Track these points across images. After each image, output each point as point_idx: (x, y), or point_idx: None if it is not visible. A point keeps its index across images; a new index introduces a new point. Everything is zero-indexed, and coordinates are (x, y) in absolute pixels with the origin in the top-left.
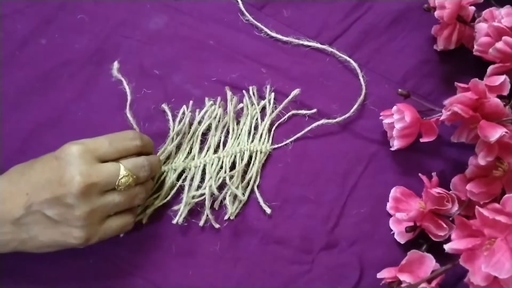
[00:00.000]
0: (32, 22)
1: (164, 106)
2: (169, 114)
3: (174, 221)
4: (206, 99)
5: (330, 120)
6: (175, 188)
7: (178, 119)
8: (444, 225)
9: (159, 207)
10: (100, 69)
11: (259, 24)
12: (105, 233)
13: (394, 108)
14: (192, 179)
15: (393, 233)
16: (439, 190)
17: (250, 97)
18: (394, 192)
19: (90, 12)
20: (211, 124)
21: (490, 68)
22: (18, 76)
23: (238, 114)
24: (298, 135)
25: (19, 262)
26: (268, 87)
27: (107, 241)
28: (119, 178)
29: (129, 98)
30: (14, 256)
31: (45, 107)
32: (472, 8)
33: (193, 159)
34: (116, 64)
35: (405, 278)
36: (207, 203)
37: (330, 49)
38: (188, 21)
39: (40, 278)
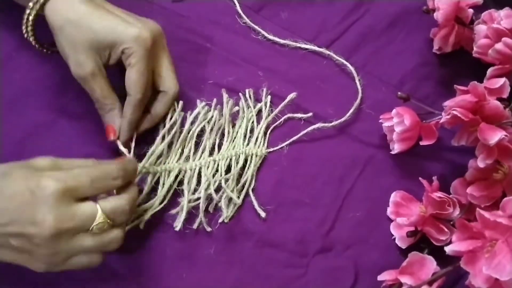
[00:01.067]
0: None
1: None
2: None
3: (177, 228)
4: (198, 101)
5: (326, 124)
6: (171, 192)
7: (168, 118)
8: (445, 229)
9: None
10: None
11: (256, 27)
12: (68, 268)
13: (394, 111)
14: (188, 182)
15: (390, 237)
16: (440, 194)
17: (246, 100)
18: (394, 196)
19: None
20: (205, 126)
21: (489, 70)
22: (15, 78)
23: (234, 117)
24: (294, 138)
25: (15, 265)
26: (265, 90)
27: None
28: (95, 223)
29: None
30: None
31: (42, 109)
32: (470, 11)
33: (187, 160)
34: None
35: (406, 280)
36: (202, 207)
37: (327, 52)
38: (185, 23)
39: (34, 280)
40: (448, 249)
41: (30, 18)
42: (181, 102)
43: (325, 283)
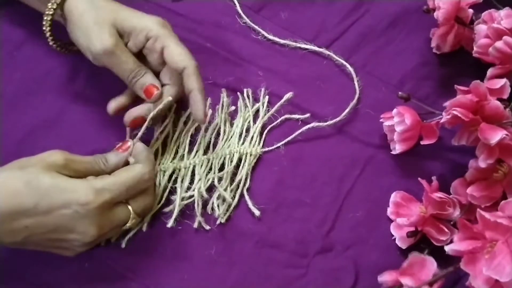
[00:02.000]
0: (30, 23)
1: None
2: None
3: (169, 225)
4: None
5: (320, 123)
6: (167, 190)
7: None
8: (446, 230)
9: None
10: (98, 71)
11: (256, 27)
12: None
13: (394, 110)
14: (182, 180)
15: (390, 238)
16: (440, 194)
17: (244, 100)
18: (395, 197)
19: None
20: (199, 125)
21: (490, 70)
22: (15, 77)
23: (234, 117)
24: (289, 138)
25: (15, 266)
26: (263, 89)
27: (102, 245)
28: (128, 223)
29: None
30: (9, 260)
31: (42, 108)
32: (471, 11)
33: (182, 159)
34: None
35: (406, 281)
36: (196, 206)
37: (327, 52)
38: (185, 23)
39: (35, 281)
40: (448, 248)
41: (51, 12)
42: (174, 105)
43: (325, 283)
